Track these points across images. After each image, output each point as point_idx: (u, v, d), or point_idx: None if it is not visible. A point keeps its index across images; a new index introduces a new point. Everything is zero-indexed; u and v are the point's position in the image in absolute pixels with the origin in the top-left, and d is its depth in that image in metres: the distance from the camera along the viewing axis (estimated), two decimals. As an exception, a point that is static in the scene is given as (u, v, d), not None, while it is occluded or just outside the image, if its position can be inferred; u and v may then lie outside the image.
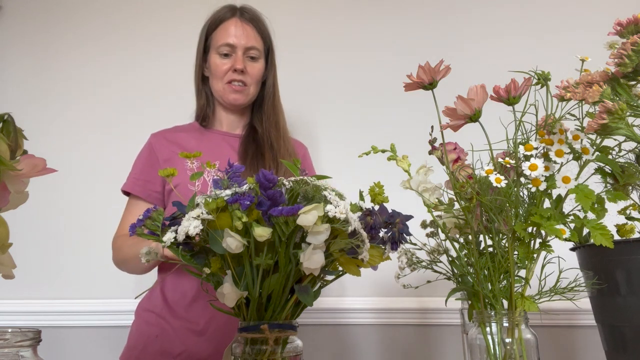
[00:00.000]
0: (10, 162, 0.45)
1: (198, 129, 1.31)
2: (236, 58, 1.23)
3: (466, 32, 1.74)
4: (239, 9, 1.27)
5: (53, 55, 1.82)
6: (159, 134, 1.29)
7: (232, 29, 1.23)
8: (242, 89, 1.25)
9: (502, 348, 0.65)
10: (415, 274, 0.74)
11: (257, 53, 1.25)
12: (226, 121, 1.31)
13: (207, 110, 1.31)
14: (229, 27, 1.24)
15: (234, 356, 0.58)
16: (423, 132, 0.81)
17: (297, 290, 0.58)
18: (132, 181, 1.25)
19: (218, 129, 1.31)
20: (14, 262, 0.49)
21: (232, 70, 1.23)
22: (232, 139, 1.29)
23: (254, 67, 1.25)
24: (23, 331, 0.49)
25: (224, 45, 1.23)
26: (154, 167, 1.23)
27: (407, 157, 0.74)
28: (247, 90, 1.25)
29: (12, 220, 0.49)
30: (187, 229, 0.55)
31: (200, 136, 1.29)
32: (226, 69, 1.23)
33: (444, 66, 0.67)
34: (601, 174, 0.72)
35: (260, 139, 1.26)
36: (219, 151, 1.25)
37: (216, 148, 1.26)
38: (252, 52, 1.24)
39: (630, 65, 0.60)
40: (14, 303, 1.59)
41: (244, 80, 1.24)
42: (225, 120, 1.31)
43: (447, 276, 0.74)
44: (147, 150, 1.27)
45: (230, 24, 1.24)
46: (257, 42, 1.26)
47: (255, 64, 1.25)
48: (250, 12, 1.28)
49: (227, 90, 1.24)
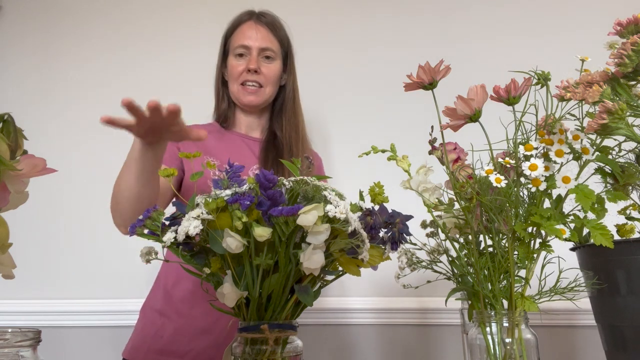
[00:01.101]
0: (10, 162, 0.45)
1: (218, 129, 1.31)
2: (250, 59, 1.24)
3: (466, 31, 1.75)
4: (256, 13, 1.30)
5: (53, 55, 1.82)
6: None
7: (247, 31, 1.25)
8: (257, 90, 1.25)
9: (502, 348, 0.65)
10: (415, 274, 0.74)
11: (273, 54, 1.26)
12: (245, 123, 1.32)
13: (229, 112, 1.32)
14: (245, 30, 1.26)
15: (234, 356, 0.58)
16: (423, 132, 0.81)
17: (297, 290, 0.58)
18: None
19: (237, 131, 1.32)
20: (14, 262, 0.49)
21: (246, 71, 1.24)
22: (251, 142, 1.30)
23: (268, 67, 1.25)
24: (23, 331, 0.49)
25: (239, 47, 1.25)
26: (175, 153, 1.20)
27: (407, 157, 0.74)
28: (262, 92, 1.26)
29: (12, 220, 0.49)
30: (187, 229, 0.55)
31: (221, 136, 1.29)
32: (241, 70, 1.24)
33: (444, 66, 0.67)
34: (601, 174, 0.72)
35: (280, 144, 1.27)
36: (239, 152, 1.26)
37: (237, 150, 1.27)
38: (267, 53, 1.25)
39: (630, 65, 0.60)
40: (14, 303, 1.59)
41: (258, 80, 1.24)
42: (244, 122, 1.32)
43: (447, 276, 0.74)
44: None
45: (246, 27, 1.27)
46: (273, 44, 1.27)
47: (271, 65, 1.26)
48: (267, 17, 1.29)
49: (242, 92, 1.25)
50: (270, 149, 1.27)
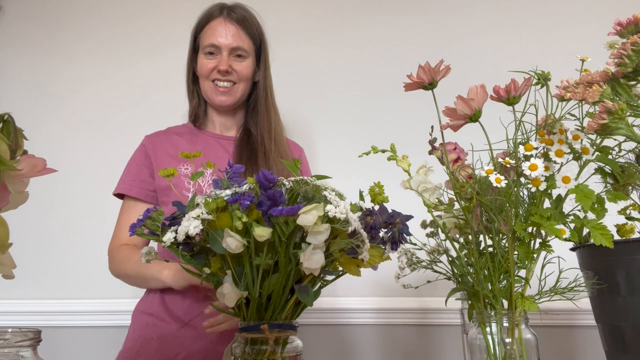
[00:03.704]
0: (10, 162, 0.45)
1: (191, 131, 1.29)
2: (221, 59, 1.21)
3: (466, 31, 1.74)
4: (227, 8, 1.25)
5: (53, 56, 1.82)
6: (152, 136, 1.28)
7: (217, 29, 1.21)
8: (229, 89, 1.23)
9: (502, 348, 0.65)
10: (415, 274, 0.74)
11: (244, 53, 1.23)
12: (218, 123, 1.30)
13: (199, 110, 1.30)
14: (215, 27, 1.22)
15: (234, 356, 0.58)
16: (423, 132, 0.81)
17: (297, 290, 0.58)
18: (129, 183, 1.23)
19: (211, 131, 1.30)
20: (14, 262, 0.49)
21: (216, 70, 1.21)
22: (225, 142, 1.28)
23: (240, 64, 1.23)
24: (23, 331, 0.49)
25: (209, 46, 1.22)
26: (149, 169, 1.23)
27: (407, 157, 0.74)
28: (234, 90, 1.24)
29: (12, 220, 0.49)
30: (187, 229, 0.55)
31: (194, 138, 1.28)
32: (211, 68, 1.21)
33: (444, 66, 0.67)
34: (601, 174, 0.72)
35: (254, 142, 1.25)
36: (212, 154, 1.24)
37: (210, 150, 1.25)
38: (238, 52, 1.22)
39: (630, 65, 0.60)
40: (14, 303, 1.59)
41: (230, 79, 1.22)
42: (218, 121, 1.30)
43: (447, 276, 0.74)
44: (141, 152, 1.26)
45: (216, 24, 1.22)
46: (244, 42, 1.23)
47: (242, 62, 1.23)
48: (238, 12, 1.24)
49: (214, 92, 1.23)
50: (244, 147, 1.24)
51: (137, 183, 1.22)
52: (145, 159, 1.24)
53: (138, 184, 1.22)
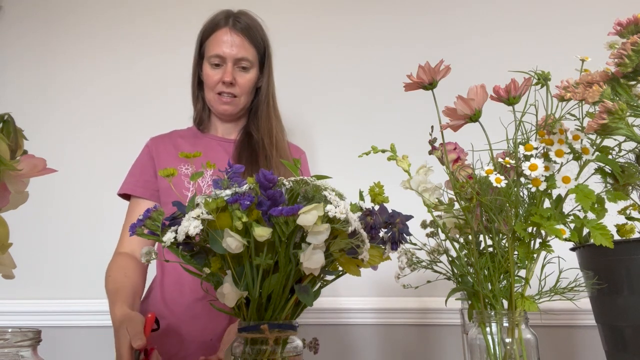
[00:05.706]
0: (10, 162, 0.45)
1: (194, 134, 1.32)
2: (226, 70, 1.22)
3: (466, 31, 1.75)
4: (232, 17, 1.25)
5: (53, 56, 1.82)
6: (156, 139, 1.32)
7: (223, 39, 1.22)
8: (231, 100, 1.25)
9: (502, 348, 0.65)
10: (415, 274, 0.74)
11: (248, 64, 1.24)
12: (221, 128, 1.33)
13: (203, 115, 1.32)
14: (220, 37, 1.23)
15: (234, 356, 0.58)
16: (423, 132, 0.81)
17: (297, 290, 0.58)
18: (133, 183, 1.26)
19: (214, 134, 1.33)
20: (14, 262, 0.49)
21: (221, 82, 1.23)
22: (226, 144, 1.30)
23: (244, 77, 1.24)
24: (23, 331, 0.49)
25: (214, 56, 1.23)
26: (152, 169, 1.26)
27: (407, 157, 0.74)
28: (236, 101, 1.26)
29: (12, 220, 0.49)
30: (187, 229, 0.55)
31: (196, 141, 1.30)
32: (217, 80, 1.23)
33: (444, 66, 0.67)
34: (601, 174, 0.72)
35: (255, 145, 1.26)
36: (213, 155, 1.26)
37: (212, 153, 1.27)
38: (243, 63, 1.23)
39: (630, 65, 0.60)
40: (14, 303, 1.59)
41: (233, 92, 1.24)
42: (220, 127, 1.33)
43: (447, 276, 0.74)
44: (145, 154, 1.29)
45: (221, 34, 1.23)
46: (249, 52, 1.24)
47: (246, 75, 1.25)
48: (243, 21, 1.25)
49: (217, 101, 1.25)
50: (244, 148, 1.26)
51: (141, 183, 1.25)
52: (149, 160, 1.27)
53: (142, 184, 1.25)
